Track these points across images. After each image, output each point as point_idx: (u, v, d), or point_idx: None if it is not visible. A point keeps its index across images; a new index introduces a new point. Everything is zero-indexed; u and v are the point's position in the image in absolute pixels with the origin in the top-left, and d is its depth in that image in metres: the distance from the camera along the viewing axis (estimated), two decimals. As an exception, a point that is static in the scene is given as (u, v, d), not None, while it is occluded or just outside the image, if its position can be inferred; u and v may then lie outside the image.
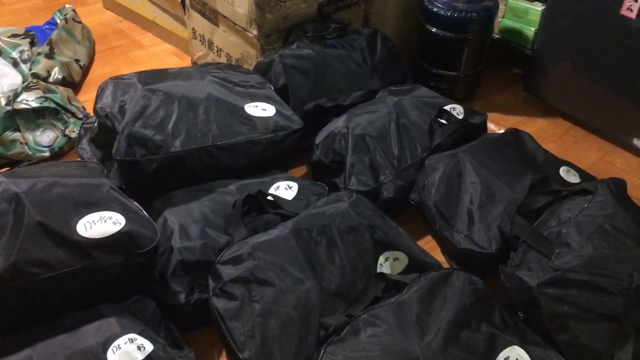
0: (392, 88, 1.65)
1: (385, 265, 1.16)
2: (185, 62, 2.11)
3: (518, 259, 1.17)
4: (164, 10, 2.15)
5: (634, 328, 1.09)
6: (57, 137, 1.62)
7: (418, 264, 1.19)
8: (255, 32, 1.67)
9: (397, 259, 1.18)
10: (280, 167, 1.44)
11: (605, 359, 1.07)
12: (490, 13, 1.83)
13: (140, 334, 1.00)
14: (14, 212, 0.99)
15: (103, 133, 1.34)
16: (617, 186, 1.27)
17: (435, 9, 1.80)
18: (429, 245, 1.43)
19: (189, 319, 1.16)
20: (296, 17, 1.71)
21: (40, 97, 1.63)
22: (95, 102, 1.35)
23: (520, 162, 1.41)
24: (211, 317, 1.08)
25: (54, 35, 1.95)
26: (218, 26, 1.83)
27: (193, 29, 1.97)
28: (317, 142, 1.51)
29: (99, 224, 1.03)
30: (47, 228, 0.99)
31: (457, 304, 1.03)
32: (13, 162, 1.54)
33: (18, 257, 0.96)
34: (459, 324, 1.01)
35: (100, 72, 2.03)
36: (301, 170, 1.62)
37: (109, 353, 0.96)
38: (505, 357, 1.01)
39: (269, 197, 1.27)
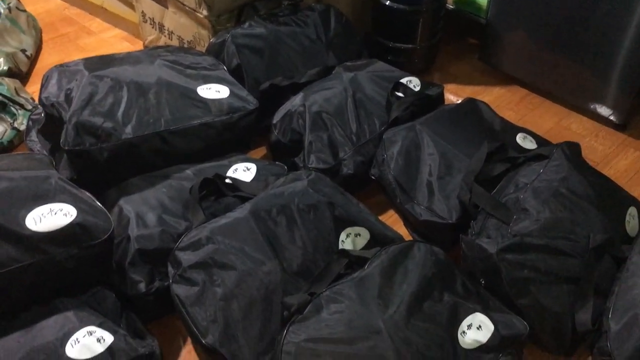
0: (348, 64, 1.64)
1: (347, 241, 1.16)
2: (137, 46, 2.06)
3: (478, 227, 1.18)
4: (112, -5, 2.09)
5: (592, 288, 1.11)
6: (5, 131, 1.57)
7: (380, 239, 1.19)
8: (205, 12, 1.63)
9: (359, 234, 1.18)
10: (238, 150, 1.42)
11: (566, 319, 1.09)
12: (442, -17, 1.82)
13: (99, 326, 0.98)
14: (-43, 209, 0.95)
15: (50, 123, 1.30)
16: (572, 149, 1.28)
17: (387, -18, 1.78)
18: (391, 219, 1.43)
19: (151, 308, 1.14)
20: (247, -4, 1.67)
21: (-15, 90, 1.57)
22: (40, 92, 1.30)
23: (477, 131, 1.42)
24: (173, 305, 1.07)
25: (-3, 25, 1.87)
26: (167, 8, 1.78)
27: (142, 12, 1.91)
28: (274, 121, 1.49)
29: (49, 217, 1.00)
30: (-6, 224, 0.95)
31: (419, 276, 1.04)
32: (-40, 159, 1.48)
33: (-35, 256, 0.92)
34: (422, 295, 1.01)
35: (48, 62, 1.97)
36: (261, 151, 1.60)
37: (68, 347, 0.94)
38: (468, 324, 1.02)
39: (227, 180, 1.25)
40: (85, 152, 1.19)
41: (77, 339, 0.95)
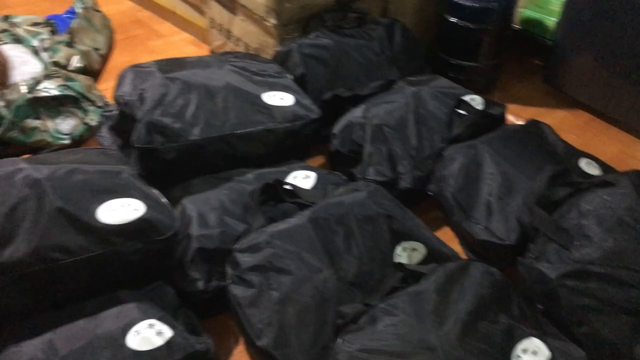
0: (411, 78, 1.64)
1: (403, 255, 1.16)
2: (204, 51, 2.11)
3: (537, 250, 1.16)
4: (183, 0, 2.15)
5: (654, 321, 1.08)
6: (77, 125, 1.63)
7: (436, 255, 1.19)
8: (273, 21, 1.67)
9: (415, 249, 1.18)
10: (297, 157, 1.44)
11: (625, 351, 1.06)
12: (510, 3, 1.81)
13: (159, 319, 1.01)
14: (35, 198, 1.00)
15: (122, 121, 1.35)
16: (639, 178, 1.25)
17: (455, -1, 1.78)
18: (446, 236, 1.42)
19: (207, 306, 1.17)
20: (315, 7, 1.70)
21: (61, 85, 1.64)
22: (115, 90, 1.35)
23: (540, 154, 1.40)
24: (229, 305, 1.09)
25: (74, 24, 1.96)
26: (236, 15, 1.83)
27: (211, 18, 1.97)
28: (334, 131, 1.51)
29: (119, 211, 1.04)
30: (68, 214, 1.00)
31: (475, 295, 1.03)
32: (33, 150, 1.56)
33: (40, 242, 0.97)
34: (477, 315, 1.01)
35: (119, 61, 2.04)
36: (319, 160, 1.62)
37: (129, 338, 0.97)
38: (523, 348, 1.01)
39: (287, 186, 1.27)
40: (154, 151, 1.24)
41: (137, 331, 0.98)
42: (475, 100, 1.56)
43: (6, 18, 1.91)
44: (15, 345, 0.96)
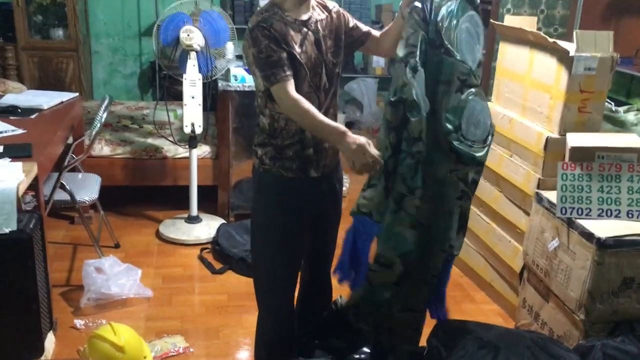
0: None
1: None
2: (509, 325, 2.31)
3: None
4: (501, 276, 2.45)
5: None
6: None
7: None
8: (582, 316, 1.82)
9: None
10: None
11: None
12: None
13: None
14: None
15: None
16: None
17: None
18: None
19: None
20: (627, 314, 1.81)
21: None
22: (430, 335, 1.66)
23: None
24: None
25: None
26: (548, 302, 2.02)
27: (524, 299, 2.19)
28: None
29: None
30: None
31: None
32: None
33: None
34: None
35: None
36: None
37: None
38: None
39: None
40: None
41: None
42: None
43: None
44: None
